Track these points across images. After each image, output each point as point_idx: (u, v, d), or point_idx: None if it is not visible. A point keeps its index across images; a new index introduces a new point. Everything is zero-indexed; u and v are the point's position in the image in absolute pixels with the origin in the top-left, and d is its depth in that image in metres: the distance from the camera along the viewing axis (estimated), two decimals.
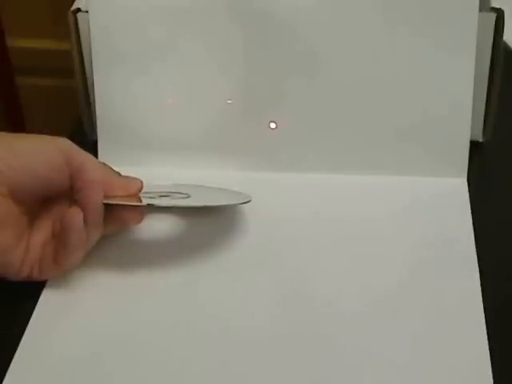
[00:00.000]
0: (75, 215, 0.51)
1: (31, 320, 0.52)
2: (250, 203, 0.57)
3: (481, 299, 0.52)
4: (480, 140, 0.65)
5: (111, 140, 0.64)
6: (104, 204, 0.53)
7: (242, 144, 0.63)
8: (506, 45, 0.66)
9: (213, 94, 0.63)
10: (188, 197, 0.57)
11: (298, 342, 0.50)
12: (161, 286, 0.54)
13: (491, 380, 0.48)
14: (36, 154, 0.52)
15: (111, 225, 0.55)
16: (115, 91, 0.63)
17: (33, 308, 0.53)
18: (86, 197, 0.52)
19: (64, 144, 0.53)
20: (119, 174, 0.56)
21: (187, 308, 0.53)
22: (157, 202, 0.56)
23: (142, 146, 0.64)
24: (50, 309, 0.53)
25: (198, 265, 0.56)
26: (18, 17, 1.20)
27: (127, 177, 0.56)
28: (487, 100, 0.63)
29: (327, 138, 0.63)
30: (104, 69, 0.63)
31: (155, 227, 0.59)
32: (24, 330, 0.51)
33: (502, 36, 0.61)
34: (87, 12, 0.62)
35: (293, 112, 0.62)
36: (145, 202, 0.55)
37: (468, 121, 0.61)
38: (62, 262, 0.53)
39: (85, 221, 0.52)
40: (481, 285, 0.53)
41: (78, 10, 0.62)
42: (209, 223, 0.59)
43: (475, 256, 0.56)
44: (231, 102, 0.62)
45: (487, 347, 0.49)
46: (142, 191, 0.56)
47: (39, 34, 1.21)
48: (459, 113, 0.61)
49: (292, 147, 0.63)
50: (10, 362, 0.50)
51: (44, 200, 0.54)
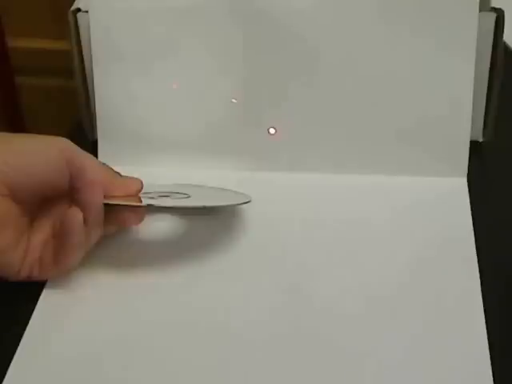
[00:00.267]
0: (75, 215, 0.51)
1: (31, 320, 0.52)
2: (250, 203, 0.57)
3: (481, 299, 0.52)
4: (480, 140, 0.65)
5: (111, 140, 0.64)
6: (104, 204, 0.53)
7: (242, 144, 0.63)
8: (506, 45, 0.66)
9: (213, 95, 0.63)
10: (188, 197, 0.57)
11: (298, 342, 0.50)
12: (161, 286, 0.54)
13: (491, 380, 0.48)
14: (36, 154, 0.52)
15: (111, 225, 0.55)
16: (115, 91, 0.63)
17: (33, 308, 0.53)
18: (86, 197, 0.52)
19: (64, 144, 0.53)
20: (119, 174, 0.56)
21: (187, 308, 0.53)
22: (157, 203, 0.56)
23: (142, 146, 0.64)
24: (50, 309, 0.53)
25: (198, 265, 0.56)
26: (18, 17, 1.20)
27: (127, 177, 0.56)
28: (487, 100, 0.63)
29: (327, 138, 0.63)
30: (104, 69, 0.63)
31: (155, 227, 0.59)
32: (24, 330, 0.51)
33: (502, 36, 0.61)
34: (87, 12, 0.62)
35: (293, 112, 0.62)
36: (145, 203, 0.55)
37: (468, 121, 0.61)
38: (62, 262, 0.53)
39: (85, 221, 0.52)
40: (481, 285, 0.53)
41: (78, 10, 0.62)
42: (209, 223, 0.59)
43: (475, 256, 0.56)
44: (236, 101, 0.62)
45: (487, 347, 0.49)
46: (142, 191, 0.56)
47: (39, 34, 1.21)
48: (459, 113, 0.61)
49: (292, 147, 0.63)
50: (10, 362, 0.50)
51: (44, 200, 0.54)
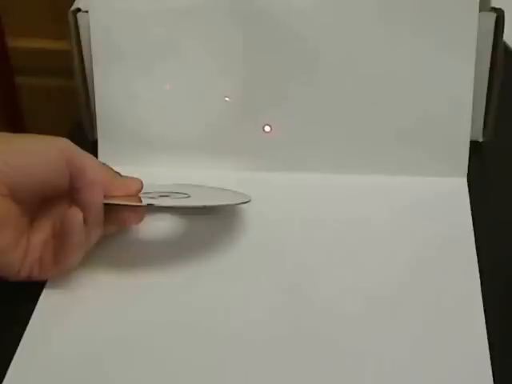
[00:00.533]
0: (75, 215, 0.51)
1: (31, 320, 0.52)
2: (250, 203, 0.57)
3: (481, 299, 0.52)
4: (480, 140, 0.65)
5: (111, 140, 0.64)
6: (104, 204, 0.53)
7: (242, 144, 0.63)
8: (506, 45, 0.66)
9: (213, 95, 0.63)
10: (188, 197, 0.57)
11: (298, 342, 0.50)
12: (161, 286, 0.54)
13: (491, 380, 0.48)
14: (36, 154, 0.52)
15: (111, 225, 0.55)
16: (115, 91, 0.63)
17: (33, 308, 0.53)
18: (86, 197, 0.52)
19: (64, 144, 0.53)
20: (119, 174, 0.56)
21: (187, 308, 0.53)
22: (157, 202, 0.56)
23: (142, 146, 0.64)
24: (50, 309, 0.53)
25: (198, 265, 0.56)
26: (18, 17, 1.20)
27: (127, 177, 0.56)
28: (487, 100, 0.63)
29: (327, 138, 0.63)
30: (104, 69, 0.63)
31: (155, 227, 0.59)
32: (24, 330, 0.51)
33: (502, 36, 0.61)
34: (87, 12, 0.62)
35: (293, 112, 0.62)
36: (145, 202, 0.55)
37: (468, 121, 0.61)
38: (62, 262, 0.53)
39: (85, 221, 0.52)
40: (481, 285, 0.53)
41: (78, 10, 0.62)
42: (209, 223, 0.59)
43: (475, 256, 0.55)
44: (229, 100, 0.62)
45: (487, 347, 0.49)
46: (142, 191, 0.56)
47: (39, 34, 1.21)
48: (459, 113, 0.61)
49: (292, 147, 0.63)
50: (10, 362, 0.50)
51: (44, 200, 0.54)
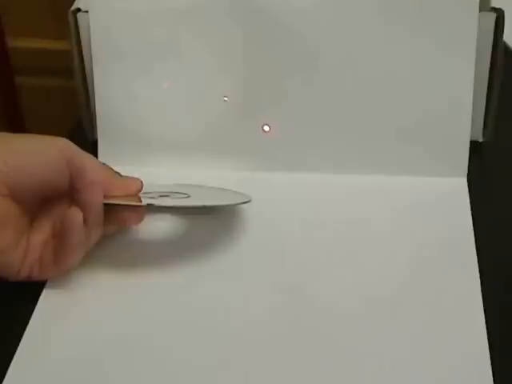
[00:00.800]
0: (75, 215, 0.51)
1: (31, 320, 0.52)
2: (250, 203, 0.57)
3: (481, 299, 0.52)
4: (480, 140, 0.65)
5: (111, 140, 0.64)
6: (104, 204, 0.53)
7: (243, 144, 0.63)
8: (506, 45, 0.66)
9: (213, 94, 0.63)
10: (188, 197, 0.57)
11: (298, 342, 0.50)
12: (161, 286, 0.54)
13: (491, 380, 0.48)
14: (36, 154, 0.52)
15: (111, 225, 0.55)
16: (115, 91, 0.63)
17: (33, 308, 0.53)
18: (86, 197, 0.52)
19: (64, 144, 0.53)
20: (119, 174, 0.56)
21: (187, 308, 0.53)
22: (157, 202, 0.56)
23: (142, 146, 0.64)
24: (50, 309, 0.53)
25: (198, 265, 0.56)
26: (18, 17, 1.20)
27: (127, 177, 0.56)
28: (487, 100, 0.63)
29: (327, 138, 0.63)
30: (104, 69, 0.63)
31: (155, 227, 0.58)
32: (24, 330, 0.51)
33: (502, 36, 0.61)
34: (87, 12, 0.62)
35: (293, 111, 0.62)
36: (145, 202, 0.55)
37: (468, 121, 0.61)
38: (62, 262, 0.53)
39: (85, 221, 0.52)
40: (481, 285, 0.53)
41: (78, 10, 0.62)
42: (209, 223, 0.59)
43: (475, 256, 0.55)
44: (227, 100, 0.62)
45: (487, 347, 0.49)
46: (142, 191, 0.56)
47: (39, 34, 1.21)
48: (459, 113, 0.61)
49: (292, 147, 0.63)
50: (10, 362, 0.50)
51: (44, 200, 0.54)
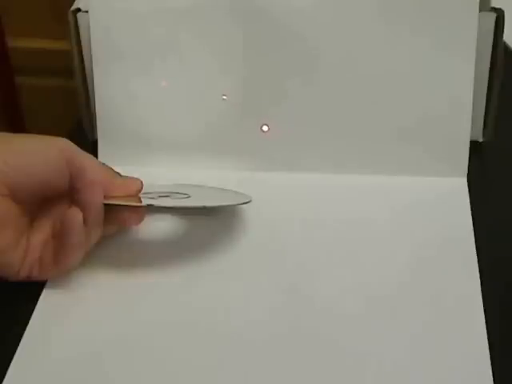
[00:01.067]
0: (75, 215, 0.51)
1: (31, 320, 0.52)
2: (250, 203, 0.57)
3: (481, 299, 0.52)
4: (480, 140, 0.65)
5: (111, 140, 0.64)
6: (104, 204, 0.53)
7: (243, 144, 0.63)
8: (506, 45, 0.66)
9: (212, 94, 0.63)
10: (188, 197, 0.57)
11: (298, 342, 0.50)
12: (161, 286, 0.54)
13: (491, 380, 0.48)
14: (36, 154, 0.52)
15: (111, 225, 0.55)
16: (115, 91, 0.63)
17: (33, 308, 0.53)
18: (86, 197, 0.52)
19: (64, 144, 0.53)
20: (119, 175, 0.56)
21: (187, 308, 0.53)
22: (157, 203, 0.56)
23: (142, 146, 0.64)
24: (50, 309, 0.53)
25: (198, 265, 0.56)
26: (18, 17, 1.20)
27: (127, 177, 0.56)
28: (487, 100, 0.63)
29: (327, 138, 0.63)
30: (104, 69, 0.63)
31: (155, 227, 0.58)
32: (24, 330, 0.51)
33: (502, 36, 0.61)
34: (87, 12, 0.62)
35: (293, 111, 0.62)
36: (145, 203, 0.55)
37: (468, 121, 0.61)
38: (62, 262, 0.53)
39: (85, 221, 0.52)
40: (481, 285, 0.53)
41: (78, 10, 0.62)
42: (209, 223, 0.59)
43: (475, 256, 0.55)
44: (227, 99, 0.62)
45: (487, 347, 0.49)
46: (142, 191, 0.56)
47: (39, 34, 1.21)
48: (459, 113, 0.61)
49: (292, 147, 0.63)
50: (10, 362, 0.50)
51: (44, 200, 0.54)
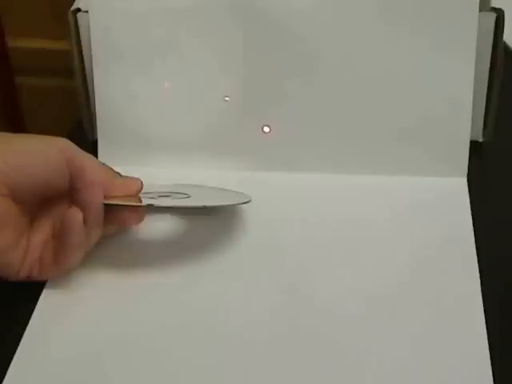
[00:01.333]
0: (75, 215, 0.51)
1: (31, 320, 0.52)
2: (250, 203, 0.57)
3: (481, 299, 0.52)
4: (480, 140, 0.65)
5: (111, 140, 0.64)
6: (104, 204, 0.53)
7: (243, 144, 0.63)
8: (506, 45, 0.66)
9: (212, 94, 0.63)
10: (188, 197, 0.57)
11: (298, 342, 0.50)
12: (161, 286, 0.54)
13: (491, 380, 0.48)
14: (36, 154, 0.52)
15: (111, 225, 0.55)
16: (115, 91, 0.63)
17: (33, 308, 0.53)
18: (86, 197, 0.52)
19: (64, 144, 0.53)
20: (119, 174, 0.56)
21: (187, 308, 0.53)
22: (157, 203, 0.56)
23: (142, 146, 0.64)
24: (50, 309, 0.53)
25: (198, 265, 0.56)
26: (18, 17, 1.20)
27: (127, 177, 0.56)
28: (487, 100, 0.63)
29: (327, 138, 0.63)
30: (104, 69, 0.63)
31: (155, 227, 0.58)
32: (24, 330, 0.51)
33: (502, 36, 0.61)
34: (87, 12, 0.62)
35: (293, 112, 0.62)
36: (145, 203, 0.55)
37: (468, 121, 0.61)
38: (62, 262, 0.53)
39: (85, 221, 0.52)
40: (481, 285, 0.53)
41: (78, 10, 0.62)
42: (209, 223, 0.59)
43: (475, 256, 0.55)
44: (228, 99, 0.62)
45: (487, 347, 0.49)
46: (142, 191, 0.56)
47: (39, 34, 1.21)
48: (459, 113, 0.61)
49: (292, 147, 0.63)
50: (10, 362, 0.50)
51: (44, 200, 0.54)
